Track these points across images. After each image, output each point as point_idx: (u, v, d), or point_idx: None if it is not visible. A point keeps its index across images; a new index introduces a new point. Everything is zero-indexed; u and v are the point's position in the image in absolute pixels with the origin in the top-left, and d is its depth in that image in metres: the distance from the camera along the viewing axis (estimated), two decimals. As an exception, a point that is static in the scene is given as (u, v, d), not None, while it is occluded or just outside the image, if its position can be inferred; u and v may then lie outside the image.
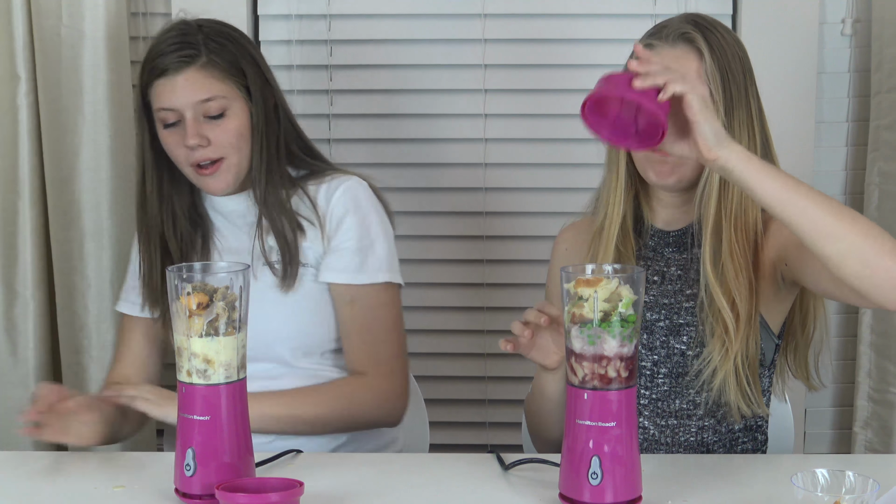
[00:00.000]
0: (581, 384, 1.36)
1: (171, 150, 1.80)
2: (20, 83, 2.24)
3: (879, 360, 2.29)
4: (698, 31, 1.63)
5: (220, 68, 1.78)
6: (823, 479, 1.30)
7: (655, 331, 1.68)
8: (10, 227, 2.27)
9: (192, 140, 1.76)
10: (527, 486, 1.50)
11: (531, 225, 2.41)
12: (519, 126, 2.39)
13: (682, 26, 1.65)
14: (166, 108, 1.77)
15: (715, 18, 1.69)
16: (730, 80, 1.62)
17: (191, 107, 1.76)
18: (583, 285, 1.34)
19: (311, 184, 1.86)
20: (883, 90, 2.23)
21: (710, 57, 1.62)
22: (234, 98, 1.79)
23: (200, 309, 1.38)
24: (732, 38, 1.66)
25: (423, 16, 2.37)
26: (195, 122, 1.77)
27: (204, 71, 1.77)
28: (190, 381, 1.41)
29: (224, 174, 1.80)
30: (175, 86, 1.76)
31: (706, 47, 1.62)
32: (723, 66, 1.62)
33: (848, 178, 2.38)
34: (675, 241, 1.72)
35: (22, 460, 1.70)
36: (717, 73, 1.61)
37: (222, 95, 1.78)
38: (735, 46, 1.65)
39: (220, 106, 1.78)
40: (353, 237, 1.82)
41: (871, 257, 1.38)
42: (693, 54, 1.63)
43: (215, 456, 1.41)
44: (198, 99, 1.76)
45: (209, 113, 1.77)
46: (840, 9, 2.33)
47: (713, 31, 1.64)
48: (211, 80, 1.77)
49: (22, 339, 2.29)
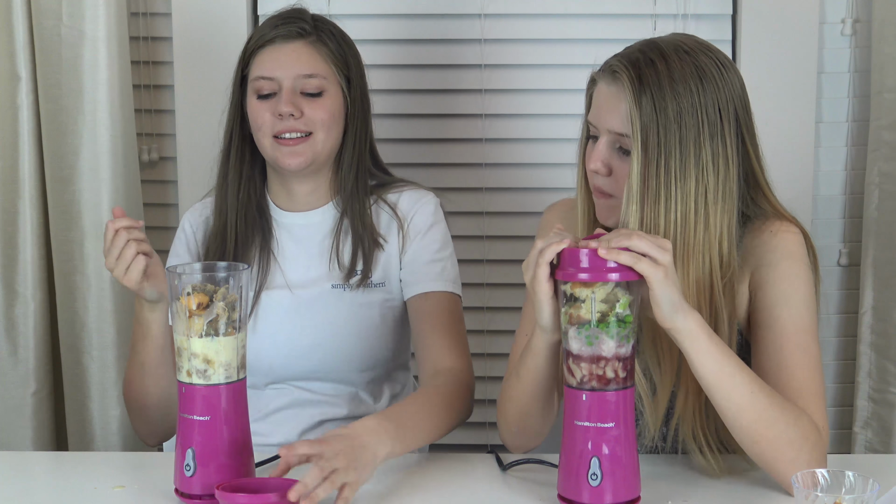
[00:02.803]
0: (579, 385, 1.36)
1: (256, 118, 1.78)
2: (20, 83, 2.24)
3: (879, 360, 2.29)
4: (630, 68, 1.47)
5: (328, 49, 1.79)
6: (823, 479, 1.30)
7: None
8: (10, 227, 2.27)
9: (287, 107, 1.74)
10: (525, 487, 1.50)
11: (531, 225, 2.41)
12: (518, 126, 2.39)
13: (619, 62, 1.49)
14: (266, 76, 1.77)
15: (685, 45, 1.50)
16: (658, 125, 1.44)
17: (291, 78, 1.76)
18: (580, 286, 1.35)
19: (391, 193, 1.87)
20: (883, 90, 2.23)
21: (632, 101, 1.45)
22: (334, 83, 1.79)
23: (200, 309, 1.38)
24: (695, 69, 1.47)
25: (423, 16, 2.37)
26: (292, 92, 1.76)
27: (312, 47, 1.78)
28: (190, 381, 1.41)
29: (306, 150, 1.77)
30: (280, 54, 1.77)
31: (630, 89, 1.46)
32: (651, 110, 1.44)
33: (848, 178, 2.38)
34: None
35: (22, 460, 1.70)
36: (639, 120, 1.45)
37: (323, 76, 1.77)
38: (691, 82, 1.46)
39: (319, 85, 1.77)
40: (439, 248, 1.83)
41: (769, 462, 1.43)
42: (621, 94, 1.48)
43: (215, 456, 1.41)
44: (301, 72, 1.76)
45: (307, 89, 1.76)
46: (840, 9, 2.33)
47: (658, 64, 1.46)
48: (317, 58, 1.77)
49: (22, 339, 2.29)
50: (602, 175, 1.53)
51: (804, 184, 2.33)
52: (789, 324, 1.52)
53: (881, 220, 2.25)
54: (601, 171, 1.53)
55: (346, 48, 1.82)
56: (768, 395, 1.42)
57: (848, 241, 2.40)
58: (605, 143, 1.52)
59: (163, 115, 2.41)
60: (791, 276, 1.54)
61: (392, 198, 1.86)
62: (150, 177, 2.41)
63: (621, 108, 1.48)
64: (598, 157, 1.52)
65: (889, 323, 2.26)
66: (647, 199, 1.46)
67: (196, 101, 2.34)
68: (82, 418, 2.29)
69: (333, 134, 1.79)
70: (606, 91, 1.52)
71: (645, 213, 1.46)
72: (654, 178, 1.45)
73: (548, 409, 1.57)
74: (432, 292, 1.80)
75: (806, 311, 1.53)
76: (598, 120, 1.53)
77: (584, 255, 1.34)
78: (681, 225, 1.46)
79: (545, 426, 1.60)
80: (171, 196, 2.42)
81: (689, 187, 1.46)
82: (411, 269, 1.82)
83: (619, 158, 1.51)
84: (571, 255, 1.35)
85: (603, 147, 1.52)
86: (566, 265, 1.36)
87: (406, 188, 1.88)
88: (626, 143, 1.49)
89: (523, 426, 1.59)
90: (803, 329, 1.52)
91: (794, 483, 1.27)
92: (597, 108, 1.54)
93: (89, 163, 2.24)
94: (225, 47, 2.32)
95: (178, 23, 2.33)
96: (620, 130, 1.49)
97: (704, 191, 1.46)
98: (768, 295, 1.54)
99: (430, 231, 1.84)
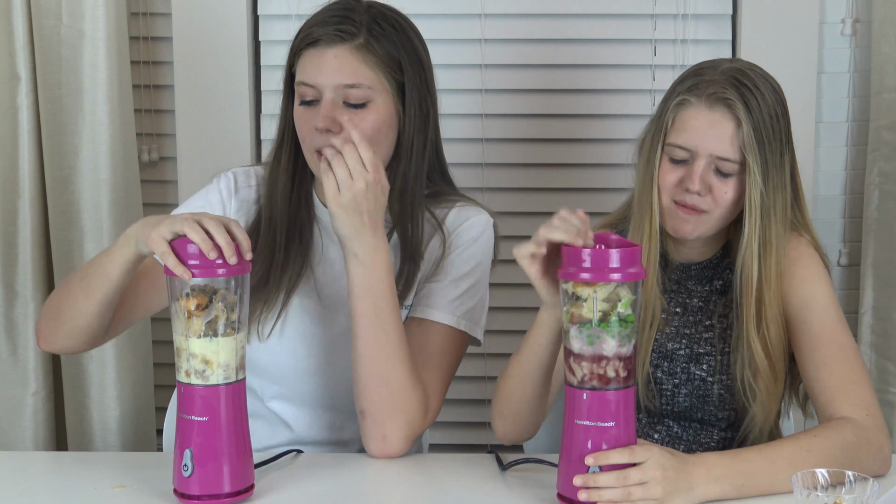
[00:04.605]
0: (580, 384, 1.36)
1: (299, 129, 1.64)
2: (20, 83, 2.24)
3: (879, 360, 2.29)
4: (739, 97, 1.58)
5: (376, 55, 1.61)
6: (823, 479, 1.30)
7: (676, 359, 1.70)
8: (10, 227, 2.27)
9: (323, 122, 1.58)
10: (525, 487, 1.50)
11: (531, 225, 2.40)
12: (518, 126, 2.39)
13: (724, 90, 1.59)
14: (308, 83, 1.61)
15: (759, 72, 1.63)
16: (766, 147, 1.59)
17: (332, 88, 1.60)
18: (582, 286, 1.34)
19: (441, 207, 1.72)
20: (883, 90, 2.23)
21: (748, 126, 1.57)
22: (382, 91, 1.62)
23: (199, 310, 1.38)
24: (774, 96, 1.61)
25: (423, 16, 2.35)
26: (332, 104, 1.60)
27: (357, 53, 1.61)
28: (188, 381, 1.40)
29: None
30: (322, 60, 1.60)
31: (745, 116, 1.57)
32: (759, 134, 1.58)
33: (848, 178, 2.38)
34: (696, 273, 1.74)
35: (22, 460, 1.70)
36: (755, 144, 1.58)
37: (368, 85, 1.61)
38: (775, 106, 1.60)
39: (364, 96, 1.61)
40: (462, 273, 1.68)
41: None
42: (730, 122, 1.58)
43: (213, 457, 1.40)
44: (342, 82, 1.60)
45: (350, 100, 1.60)
46: (840, 9, 2.33)
47: (755, 92, 1.59)
48: (362, 66, 1.61)
49: (22, 339, 2.29)
50: (700, 195, 1.61)
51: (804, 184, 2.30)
52: (817, 324, 1.60)
53: (881, 220, 2.25)
54: (702, 193, 1.61)
55: (403, 50, 1.64)
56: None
57: (848, 241, 2.40)
58: (704, 166, 1.61)
59: (163, 115, 2.41)
60: (807, 279, 1.63)
61: (441, 212, 1.71)
62: (150, 177, 2.41)
63: (731, 134, 1.59)
64: (698, 178, 1.60)
65: (889, 323, 2.25)
66: (763, 212, 1.60)
67: (196, 101, 2.34)
68: (82, 418, 2.29)
69: (381, 148, 1.63)
70: (710, 117, 1.59)
71: (764, 225, 1.60)
72: (767, 194, 1.59)
73: (542, 397, 1.58)
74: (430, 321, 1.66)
75: (830, 306, 1.62)
76: (697, 144, 1.60)
77: (587, 255, 1.34)
78: (783, 235, 1.62)
79: (537, 416, 1.62)
80: (171, 196, 2.42)
81: (783, 199, 1.62)
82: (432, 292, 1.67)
83: (717, 178, 1.61)
84: (573, 254, 1.35)
85: (703, 170, 1.61)
86: (568, 264, 1.36)
87: (458, 203, 1.73)
88: (724, 167, 1.60)
89: (515, 410, 1.61)
90: (831, 324, 1.60)
91: (794, 483, 1.27)
92: (696, 131, 1.60)
93: (89, 163, 2.24)
94: (225, 47, 2.33)
95: (178, 23, 2.33)
96: (726, 155, 1.59)
97: (788, 202, 1.64)
98: (792, 303, 1.63)
99: (468, 249, 1.69)
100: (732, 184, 1.61)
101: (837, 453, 1.44)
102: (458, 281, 1.68)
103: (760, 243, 1.61)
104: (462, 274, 1.69)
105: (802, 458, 1.42)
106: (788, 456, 1.43)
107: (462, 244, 1.70)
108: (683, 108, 1.61)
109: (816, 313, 1.61)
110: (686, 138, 1.60)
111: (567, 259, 1.36)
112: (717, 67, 1.63)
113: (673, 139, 1.62)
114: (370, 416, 1.58)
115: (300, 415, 1.74)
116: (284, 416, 1.74)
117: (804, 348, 1.60)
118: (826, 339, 1.58)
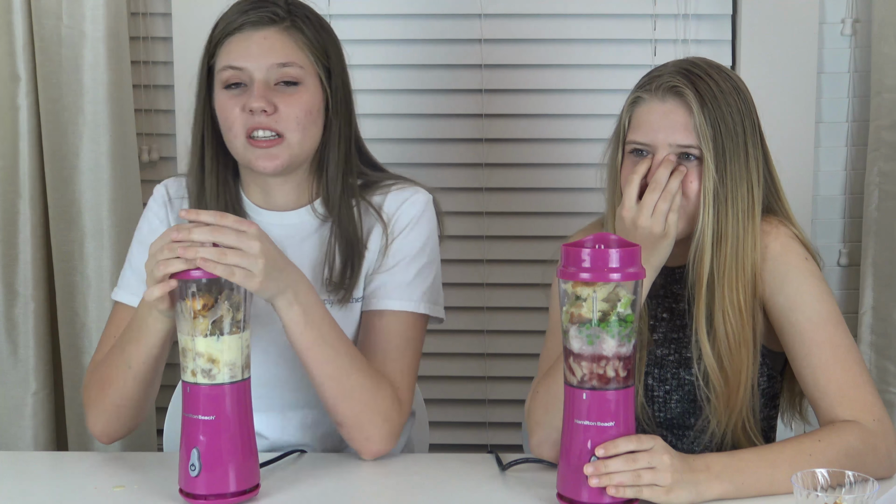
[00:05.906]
0: (579, 384, 1.36)
1: (225, 115, 1.60)
2: (20, 83, 2.24)
3: (879, 360, 2.29)
4: (689, 84, 1.55)
5: (305, 37, 1.60)
6: (823, 479, 1.30)
7: (666, 364, 1.66)
8: (10, 227, 2.27)
9: (258, 102, 1.55)
10: (524, 487, 1.50)
11: (531, 225, 2.41)
12: (518, 126, 2.39)
13: (673, 78, 1.56)
14: (235, 66, 1.58)
15: (712, 63, 1.60)
16: (722, 134, 1.53)
17: (264, 69, 1.57)
18: (581, 285, 1.34)
19: (376, 194, 1.69)
20: (883, 90, 2.23)
21: (699, 112, 1.53)
22: (311, 74, 1.61)
23: (205, 310, 1.38)
24: (730, 84, 1.57)
25: (423, 16, 2.37)
26: (264, 85, 1.58)
27: (286, 34, 1.59)
28: (195, 380, 1.40)
29: (281, 153, 1.59)
30: (250, 42, 1.58)
31: (696, 102, 1.54)
32: (714, 120, 1.53)
33: (848, 178, 2.38)
34: (680, 277, 1.66)
35: (22, 460, 1.70)
36: (709, 129, 1.53)
37: (300, 65, 1.59)
38: (732, 94, 1.56)
39: (297, 74, 1.59)
40: (411, 256, 1.66)
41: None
42: (681, 109, 1.55)
43: (220, 456, 1.40)
44: (274, 61, 1.58)
45: (284, 78, 1.58)
46: (840, 9, 2.33)
47: (706, 80, 1.55)
48: (292, 46, 1.59)
49: (22, 339, 2.29)
50: None
51: (804, 184, 2.33)
52: (806, 324, 1.53)
53: (881, 220, 2.25)
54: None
55: (325, 35, 1.64)
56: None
57: (848, 241, 2.40)
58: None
59: (162, 115, 2.41)
60: (791, 276, 1.55)
61: (377, 199, 1.69)
62: (150, 177, 2.41)
63: (684, 121, 1.54)
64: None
65: (889, 323, 2.25)
66: (718, 202, 1.54)
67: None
68: (82, 418, 2.29)
69: (311, 133, 1.61)
70: (662, 108, 1.56)
71: (719, 216, 1.54)
72: (722, 184, 1.54)
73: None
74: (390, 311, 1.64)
75: (819, 304, 1.54)
76: (654, 137, 1.56)
77: (587, 255, 1.34)
78: (741, 228, 1.54)
79: None
80: (170, 196, 2.41)
81: (744, 190, 1.55)
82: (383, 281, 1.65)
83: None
84: (573, 254, 1.35)
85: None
86: (568, 264, 1.36)
87: (394, 186, 1.70)
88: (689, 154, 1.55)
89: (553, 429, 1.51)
90: (822, 323, 1.52)
91: (794, 483, 1.27)
92: (650, 125, 1.57)
93: (89, 163, 2.24)
94: (225, 47, 2.32)
95: (178, 23, 2.33)
96: (686, 143, 1.55)
97: (752, 195, 1.56)
98: (777, 304, 1.55)
99: (412, 231, 1.67)
100: (695, 174, 1.55)
101: (842, 459, 1.41)
102: (408, 265, 1.66)
103: (714, 235, 1.54)
104: (410, 257, 1.66)
105: (804, 461, 1.40)
106: (790, 460, 1.41)
107: (404, 227, 1.67)
108: (637, 105, 1.59)
109: (805, 313, 1.52)
110: (642, 134, 1.57)
111: (567, 259, 1.36)
112: (669, 64, 1.62)
113: (632, 137, 1.59)
114: (347, 426, 1.58)
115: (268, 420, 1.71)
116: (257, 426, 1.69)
117: (797, 352, 1.52)
118: (819, 342, 1.51)
